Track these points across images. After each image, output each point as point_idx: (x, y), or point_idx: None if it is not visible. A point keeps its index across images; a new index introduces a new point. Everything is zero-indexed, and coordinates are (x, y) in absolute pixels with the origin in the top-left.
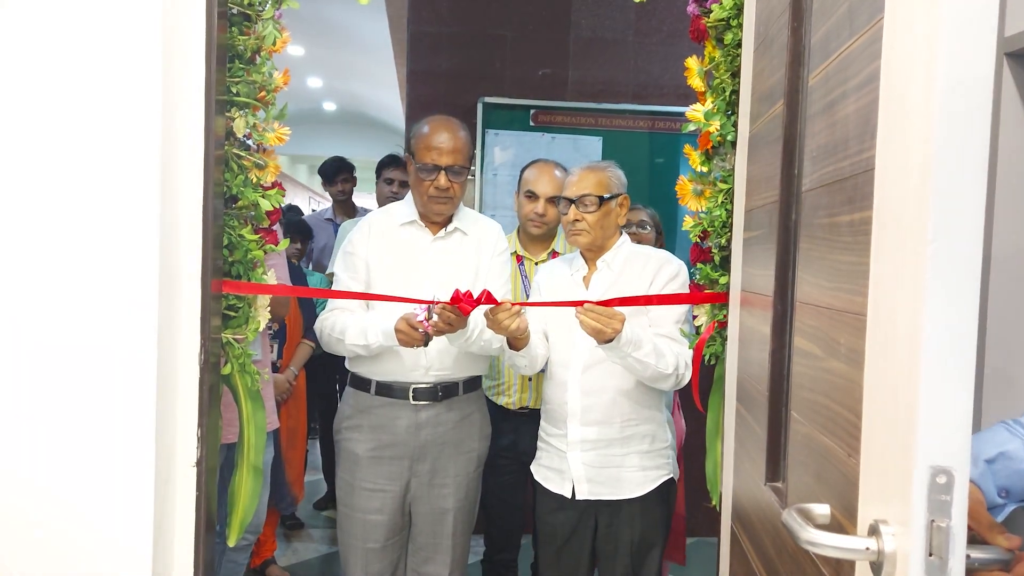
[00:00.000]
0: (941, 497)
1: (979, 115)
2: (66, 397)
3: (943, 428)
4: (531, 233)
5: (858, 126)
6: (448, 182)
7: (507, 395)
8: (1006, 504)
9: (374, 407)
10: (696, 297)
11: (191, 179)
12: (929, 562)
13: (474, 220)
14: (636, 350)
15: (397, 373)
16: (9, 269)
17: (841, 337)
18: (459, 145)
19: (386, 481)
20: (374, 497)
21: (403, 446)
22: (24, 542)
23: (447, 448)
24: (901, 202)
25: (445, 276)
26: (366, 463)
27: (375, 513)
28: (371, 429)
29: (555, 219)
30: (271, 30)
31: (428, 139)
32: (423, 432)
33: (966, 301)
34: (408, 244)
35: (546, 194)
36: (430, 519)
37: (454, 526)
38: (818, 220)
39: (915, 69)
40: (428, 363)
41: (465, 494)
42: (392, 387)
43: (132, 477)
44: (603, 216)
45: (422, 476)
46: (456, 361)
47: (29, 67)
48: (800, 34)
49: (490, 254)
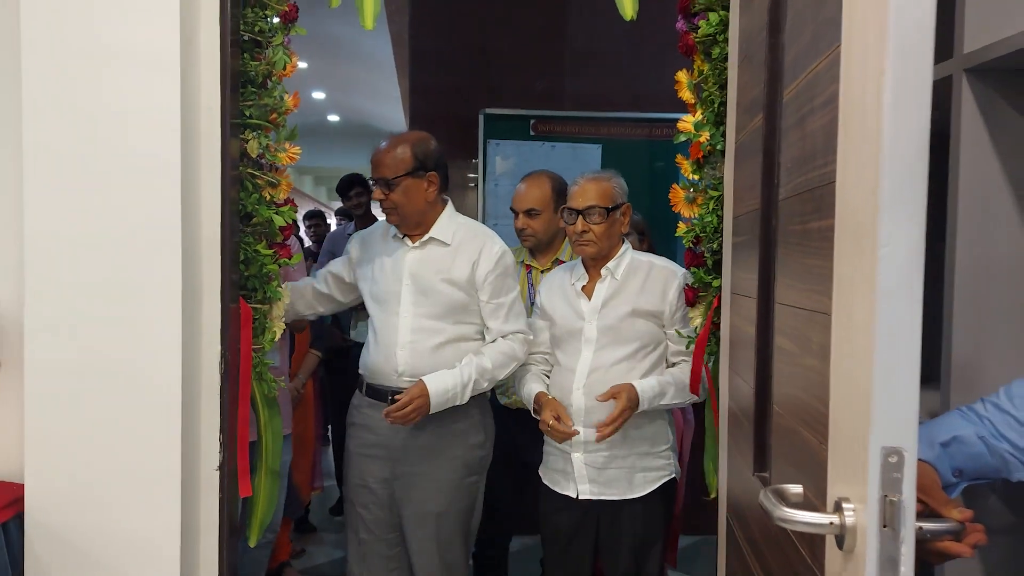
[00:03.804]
0: (893, 475)
1: (919, 136)
2: (100, 405)
3: (894, 412)
4: (525, 246)
5: (823, 141)
6: (382, 194)
7: (508, 395)
8: (959, 483)
9: (363, 407)
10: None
11: (210, 200)
12: (883, 533)
13: (460, 231)
14: (661, 400)
15: (379, 376)
16: (50, 289)
17: (812, 335)
18: (385, 159)
19: (371, 478)
20: (362, 492)
21: (384, 447)
22: (62, 541)
23: (428, 453)
24: (857, 212)
25: (420, 281)
26: (356, 459)
27: (363, 507)
28: (361, 427)
29: (540, 229)
30: (281, 55)
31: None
32: (400, 435)
33: (912, 300)
34: (389, 253)
35: (522, 208)
36: (415, 521)
37: (438, 530)
38: (792, 227)
39: (866, 93)
40: (401, 368)
41: (450, 500)
42: (377, 389)
43: (160, 481)
44: (609, 226)
45: (404, 479)
46: (432, 369)
47: (61, 111)
48: (777, 52)
49: (483, 275)
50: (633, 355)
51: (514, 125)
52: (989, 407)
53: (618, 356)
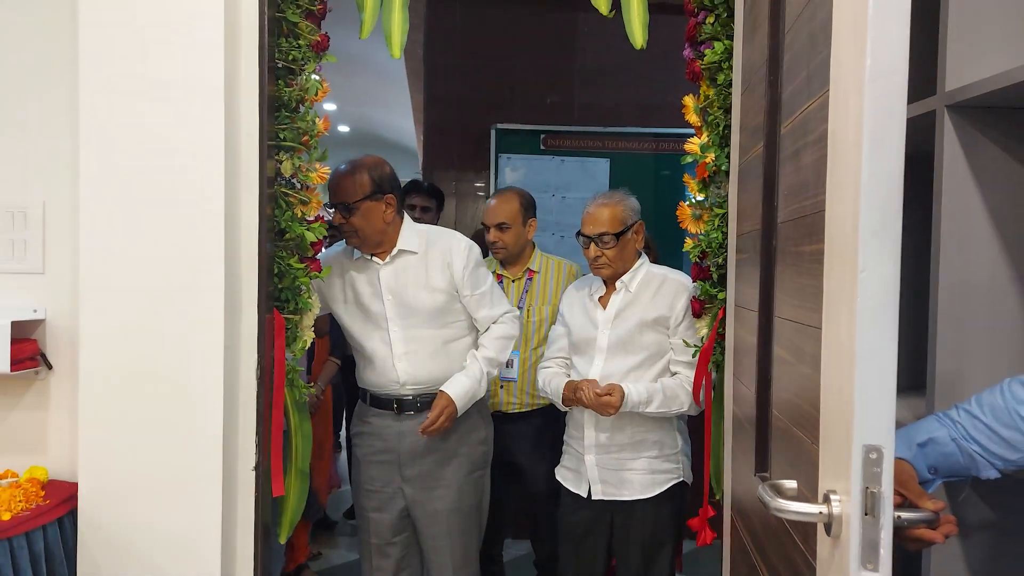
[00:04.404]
0: (874, 469)
1: (895, 174)
2: (148, 409)
3: (873, 415)
4: (496, 257)
5: (814, 175)
6: (342, 218)
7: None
8: (935, 479)
9: (369, 416)
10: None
11: (249, 218)
12: (866, 520)
13: (423, 237)
14: (646, 408)
15: (381, 385)
16: (103, 302)
17: (806, 346)
18: (343, 184)
19: (381, 483)
20: (373, 497)
21: (391, 452)
22: (111, 535)
23: (435, 454)
24: (841, 240)
25: (400, 295)
26: (365, 466)
27: (375, 512)
28: (368, 435)
29: (511, 242)
30: (313, 82)
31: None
32: (406, 440)
33: (888, 319)
34: (361, 271)
35: (493, 222)
36: (426, 521)
37: (449, 527)
38: (789, 248)
39: (848, 138)
40: (402, 379)
41: (459, 497)
42: (380, 398)
43: (203, 480)
44: (621, 249)
45: (414, 481)
46: (430, 375)
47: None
48: (776, 87)
49: (460, 271)
50: (641, 364)
51: (525, 139)
52: (962, 413)
53: (628, 365)
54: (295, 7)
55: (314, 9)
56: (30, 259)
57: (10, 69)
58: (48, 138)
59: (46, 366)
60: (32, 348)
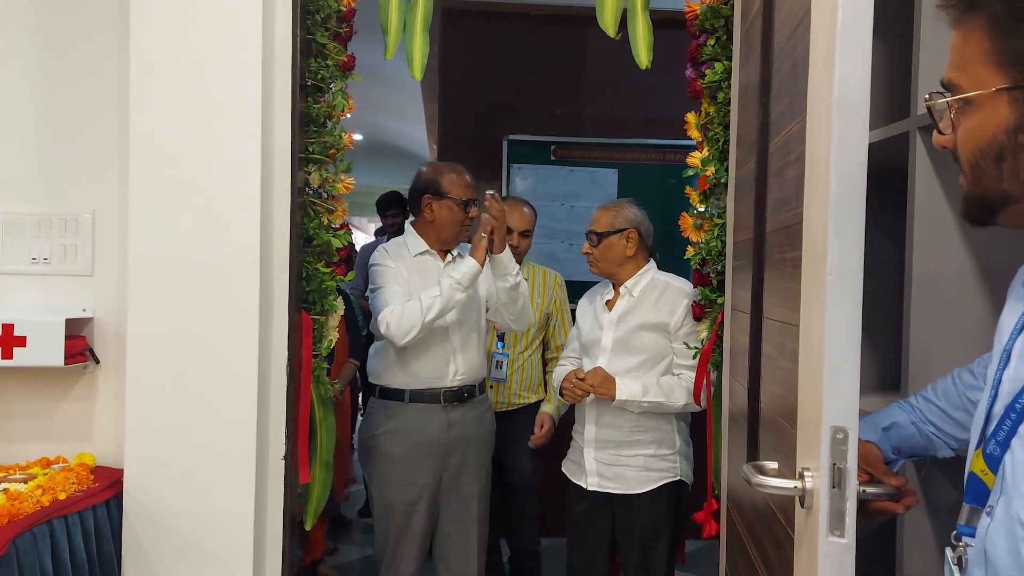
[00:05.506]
0: (840, 448)
1: (858, 193)
2: (188, 402)
3: (839, 400)
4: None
5: (794, 189)
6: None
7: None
8: (898, 459)
9: (408, 413)
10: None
11: (281, 226)
12: (833, 493)
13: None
14: (642, 397)
15: (430, 380)
16: (149, 303)
17: (787, 342)
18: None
19: (424, 476)
20: (411, 491)
21: (436, 444)
22: (154, 517)
23: (471, 442)
24: (814, 246)
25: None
26: (401, 462)
27: (409, 505)
28: (405, 432)
29: (526, 249)
30: (340, 99)
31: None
32: (453, 430)
33: (852, 315)
34: (428, 269)
35: (518, 228)
36: (458, 506)
37: (478, 511)
38: (775, 255)
39: (819, 158)
40: (455, 368)
41: (485, 482)
42: (424, 393)
43: (238, 467)
44: (605, 249)
45: (452, 468)
46: (476, 366)
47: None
48: (766, 108)
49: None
50: (641, 365)
51: (535, 150)
52: (919, 399)
53: (629, 364)
54: (323, 30)
55: (341, 32)
56: (80, 262)
57: (64, 91)
58: (98, 153)
59: (94, 361)
60: (82, 344)
